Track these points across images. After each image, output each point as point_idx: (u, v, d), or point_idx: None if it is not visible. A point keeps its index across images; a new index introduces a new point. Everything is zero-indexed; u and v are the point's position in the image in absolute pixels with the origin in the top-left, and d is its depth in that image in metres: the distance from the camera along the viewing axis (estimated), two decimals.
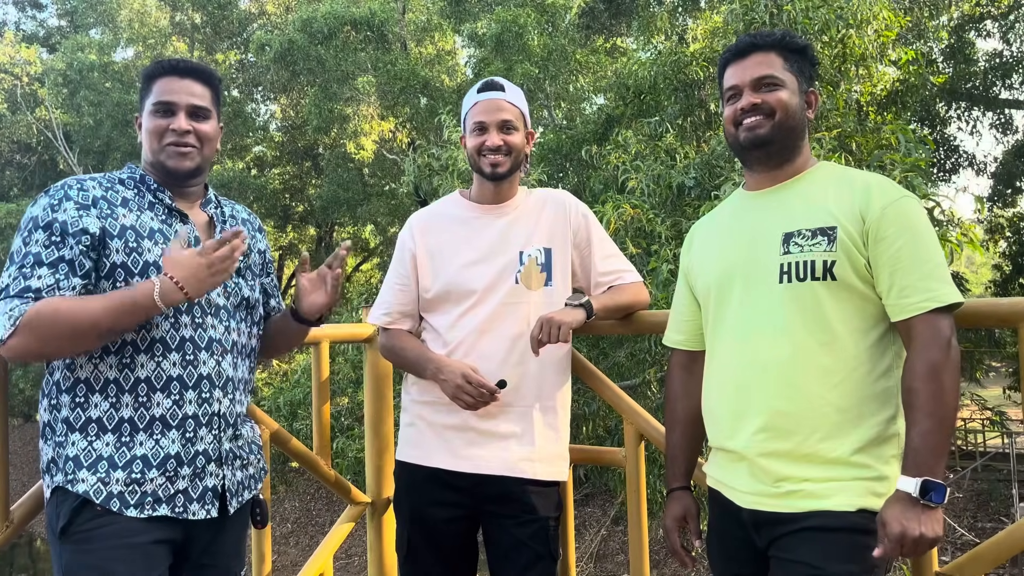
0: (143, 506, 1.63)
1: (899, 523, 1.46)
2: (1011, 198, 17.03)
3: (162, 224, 1.75)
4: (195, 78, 1.80)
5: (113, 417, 1.64)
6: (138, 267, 1.67)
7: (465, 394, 2.00)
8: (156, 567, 1.64)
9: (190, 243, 1.76)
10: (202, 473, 1.72)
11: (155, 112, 1.76)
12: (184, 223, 1.79)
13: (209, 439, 1.74)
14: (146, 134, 1.78)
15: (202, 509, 1.71)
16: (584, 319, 2.07)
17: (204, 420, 1.73)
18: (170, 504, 1.66)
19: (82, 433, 1.63)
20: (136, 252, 1.67)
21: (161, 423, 1.67)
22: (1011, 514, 13.08)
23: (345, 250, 1.86)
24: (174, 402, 1.68)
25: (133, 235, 1.68)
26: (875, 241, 1.58)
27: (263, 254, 2.01)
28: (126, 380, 1.66)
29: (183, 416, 1.69)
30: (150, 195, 1.77)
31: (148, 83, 1.80)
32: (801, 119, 1.73)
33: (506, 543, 2.04)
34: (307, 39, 16.54)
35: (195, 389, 1.71)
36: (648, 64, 9.84)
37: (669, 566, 11.84)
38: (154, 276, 1.62)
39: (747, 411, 1.68)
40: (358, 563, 14.09)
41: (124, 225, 1.68)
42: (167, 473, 1.66)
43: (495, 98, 2.12)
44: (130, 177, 1.78)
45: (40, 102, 22.83)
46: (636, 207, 7.20)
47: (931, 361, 1.51)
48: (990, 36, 15.82)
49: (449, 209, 2.22)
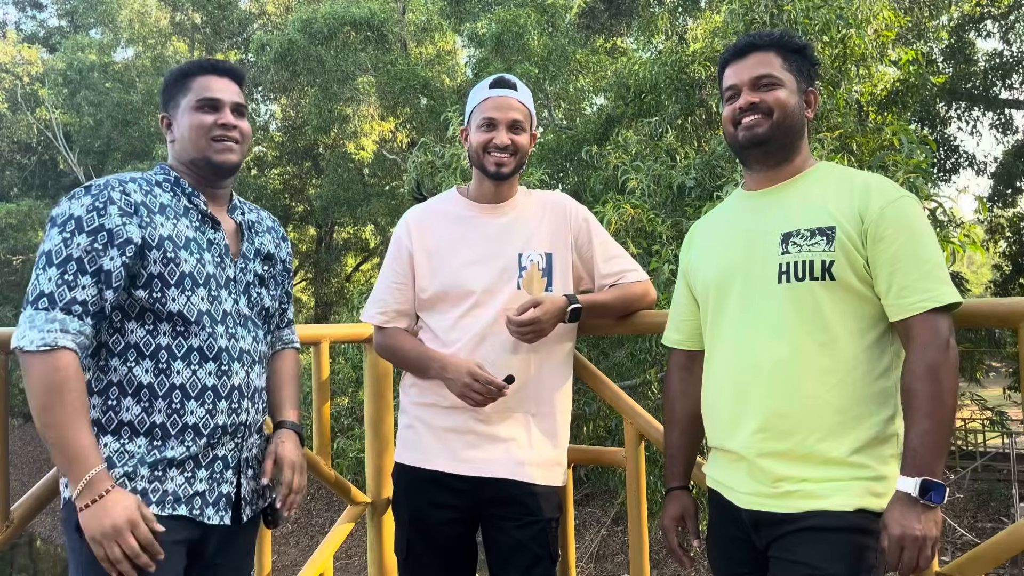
0: (164, 504, 1.64)
1: (899, 524, 1.46)
2: (1011, 198, 17.03)
3: (196, 232, 1.74)
4: (232, 78, 1.82)
5: (145, 421, 1.64)
6: (174, 278, 1.66)
7: (474, 392, 1.97)
8: (172, 566, 1.64)
9: (221, 253, 1.77)
10: (220, 479, 1.73)
11: (199, 108, 1.76)
12: (216, 230, 1.78)
13: (231, 446, 1.75)
14: (189, 130, 1.76)
15: (216, 515, 1.72)
16: (563, 319, 2.05)
17: (231, 430, 1.73)
18: (188, 505, 1.67)
19: (114, 436, 1.63)
20: (173, 263, 1.66)
21: (193, 431, 1.67)
22: (1011, 514, 13.08)
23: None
24: (207, 411, 1.69)
25: (171, 245, 1.67)
26: (874, 241, 1.58)
27: (284, 263, 2.00)
28: (160, 386, 1.65)
29: (214, 426, 1.70)
30: (185, 199, 1.76)
31: (183, 81, 1.79)
32: (799, 118, 1.72)
33: (506, 545, 2.03)
34: (307, 39, 16.55)
35: (227, 399, 1.72)
36: (648, 64, 9.84)
37: (669, 566, 11.84)
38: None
39: (745, 411, 1.67)
40: (358, 563, 14.09)
41: (162, 235, 1.67)
42: (186, 474, 1.67)
43: (507, 96, 2.10)
44: (165, 179, 1.77)
45: (40, 102, 22.85)
46: (636, 207, 7.20)
47: (930, 361, 1.51)
48: (990, 36, 15.83)
49: (447, 207, 2.20)
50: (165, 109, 1.82)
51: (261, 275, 1.89)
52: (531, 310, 1.97)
